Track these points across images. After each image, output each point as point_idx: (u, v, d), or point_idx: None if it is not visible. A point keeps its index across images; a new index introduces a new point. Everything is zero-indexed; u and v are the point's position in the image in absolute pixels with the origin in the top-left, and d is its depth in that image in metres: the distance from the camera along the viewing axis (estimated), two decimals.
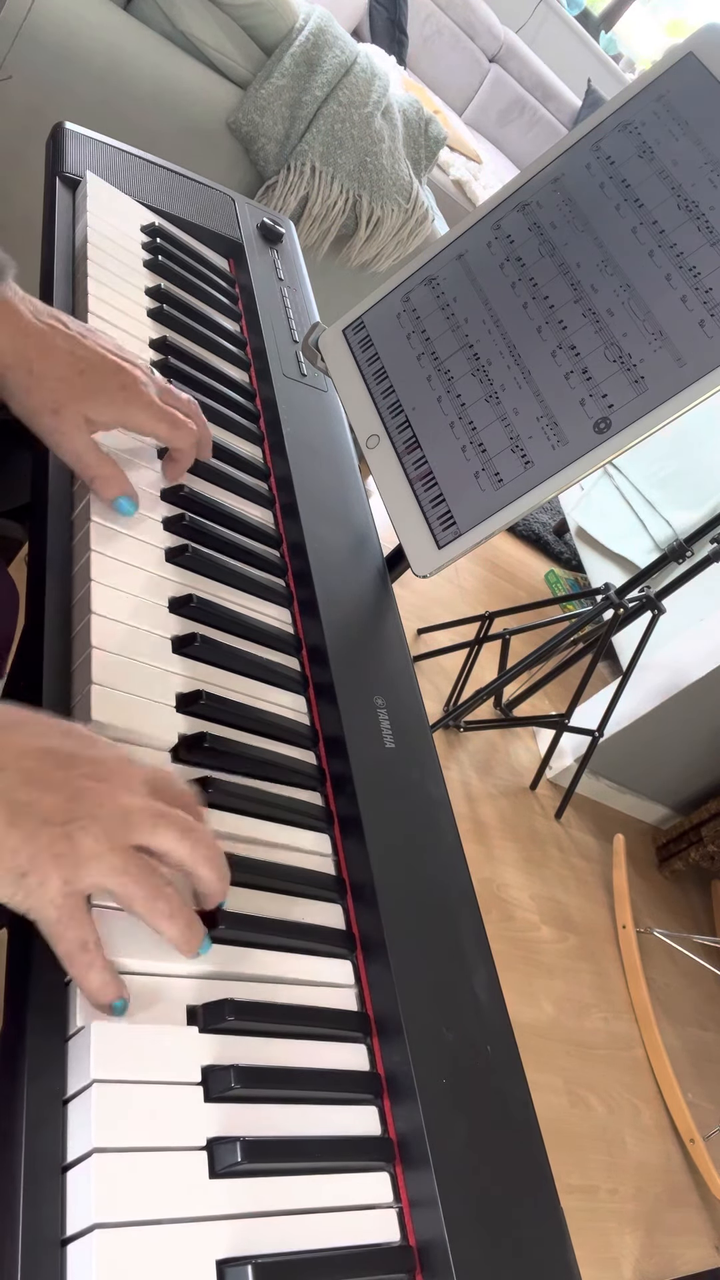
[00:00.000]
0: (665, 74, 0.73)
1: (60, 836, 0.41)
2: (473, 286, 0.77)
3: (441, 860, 0.62)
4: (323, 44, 1.52)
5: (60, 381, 0.58)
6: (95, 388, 0.59)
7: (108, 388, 0.60)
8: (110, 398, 0.60)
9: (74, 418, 0.59)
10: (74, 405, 0.59)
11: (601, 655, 1.97)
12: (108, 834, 0.43)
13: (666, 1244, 1.69)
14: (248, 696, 0.63)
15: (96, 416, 0.60)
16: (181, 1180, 0.42)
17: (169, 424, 0.63)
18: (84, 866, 0.42)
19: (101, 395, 0.60)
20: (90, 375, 0.59)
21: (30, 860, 0.41)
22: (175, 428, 0.64)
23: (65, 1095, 0.42)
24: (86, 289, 0.76)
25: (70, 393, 0.59)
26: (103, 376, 0.60)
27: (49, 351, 0.58)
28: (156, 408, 0.62)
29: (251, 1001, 0.48)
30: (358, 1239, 0.46)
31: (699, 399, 0.65)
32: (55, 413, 0.58)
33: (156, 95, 1.47)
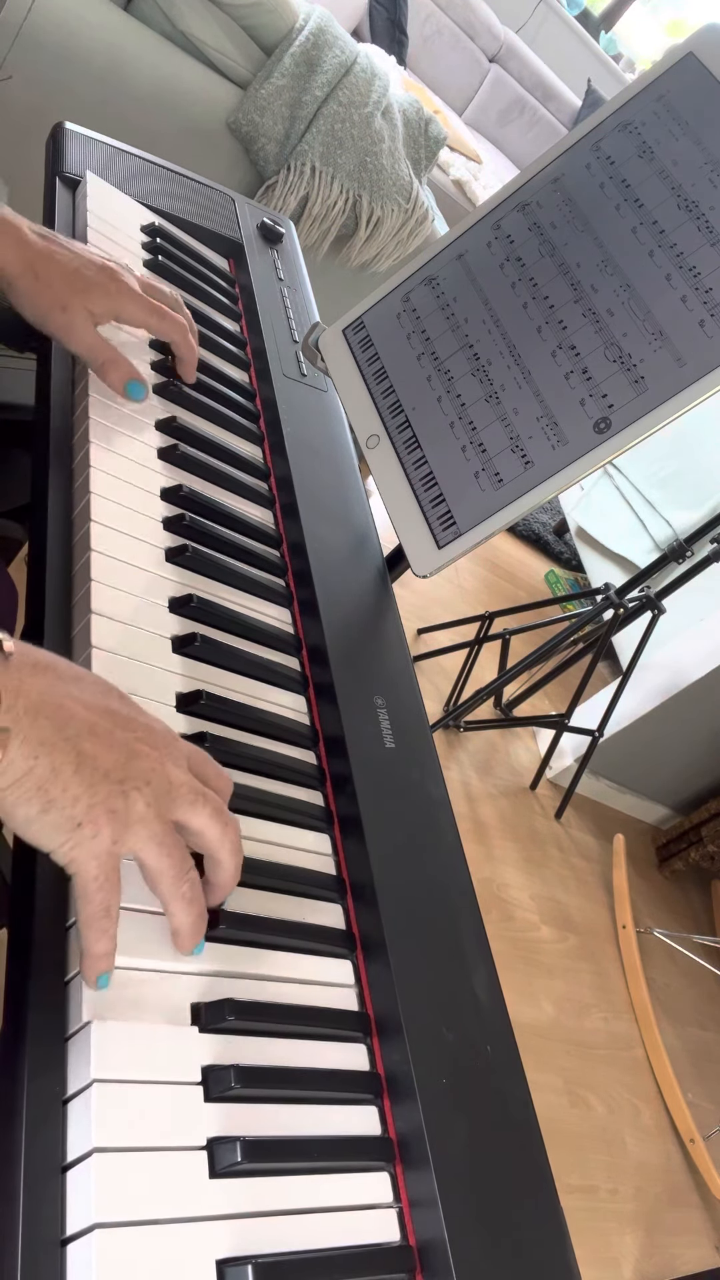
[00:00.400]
0: (665, 74, 0.73)
1: (118, 793, 0.43)
2: (473, 286, 0.77)
3: (441, 860, 0.62)
4: (323, 44, 1.52)
5: (63, 281, 0.67)
6: (91, 283, 0.68)
7: (101, 281, 0.68)
8: (104, 290, 0.68)
9: (80, 311, 0.67)
10: (77, 300, 0.67)
11: (601, 655, 1.97)
12: (157, 801, 0.44)
13: (666, 1244, 1.69)
14: (248, 696, 0.63)
15: (95, 308, 0.68)
16: (181, 1180, 0.42)
17: (156, 314, 0.71)
18: (132, 829, 0.43)
19: (97, 289, 0.68)
20: (85, 272, 0.68)
21: (88, 811, 0.42)
22: (162, 318, 0.72)
23: (65, 1095, 0.42)
24: None
25: (72, 289, 0.67)
26: (94, 273, 0.68)
27: (49, 258, 0.67)
28: (144, 300, 0.71)
29: (251, 1001, 0.48)
30: (358, 1239, 0.46)
31: (699, 399, 0.65)
32: (64, 309, 0.67)
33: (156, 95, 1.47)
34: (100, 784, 0.42)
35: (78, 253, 0.69)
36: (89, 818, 0.42)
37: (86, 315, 0.67)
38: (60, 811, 0.41)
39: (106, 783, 0.42)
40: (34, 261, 0.66)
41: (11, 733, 0.40)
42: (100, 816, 0.42)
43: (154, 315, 0.71)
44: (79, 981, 0.44)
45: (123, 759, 0.44)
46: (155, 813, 0.44)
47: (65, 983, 0.45)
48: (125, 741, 0.44)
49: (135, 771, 0.44)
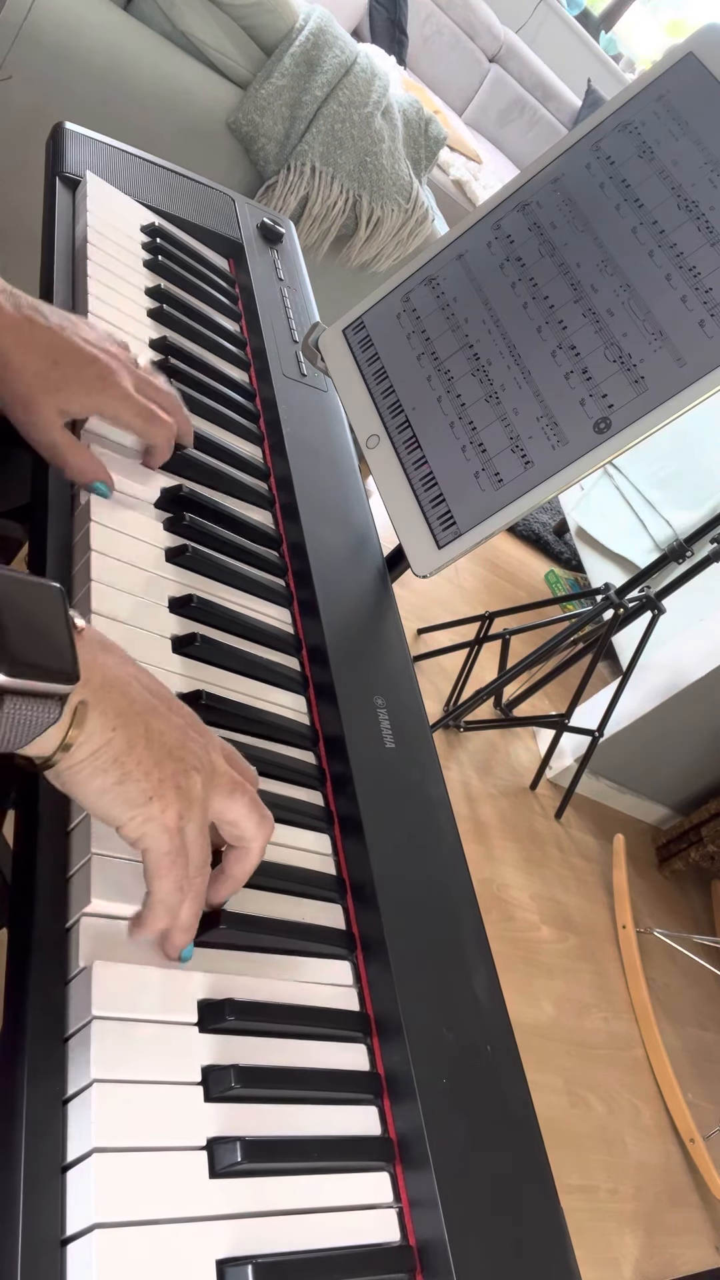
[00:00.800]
0: (665, 74, 0.73)
1: (180, 771, 0.44)
2: (473, 286, 0.77)
3: (441, 860, 0.62)
4: (323, 44, 1.52)
5: (35, 375, 0.58)
6: (70, 379, 0.59)
7: (84, 378, 0.60)
8: (86, 388, 0.60)
9: (46, 410, 0.59)
10: (46, 398, 0.59)
11: (601, 655, 1.97)
12: (206, 784, 0.45)
13: (666, 1244, 1.69)
14: (248, 696, 0.63)
15: (69, 407, 0.60)
16: (181, 1180, 0.42)
17: (144, 418, 0.63)
18: (193, 807, 0.44)
19: (76, 386, 0.60)
20: (65, 366, 0.59)
21: (158, 785, 0.43)
22: (149, 422, 0.64)
23: (65, 1095, 0.42)
24: (86, 289, 0.76)
25: (43, 385, 0.59)
26: (78, 367, 0.60)
27: (26, 344, 0.58)
28: (133, 400, 0.62)
29: (252, 1001, 0.48)
30: (358, 1239, 0.46)
31: (699, 399, 0.65)
32: (27, 407, 0.59)
33: (156, 95, 1.47)
34: (167, 760, 0.43)
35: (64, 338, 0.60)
36: (159, 792, 0.43)
37: (53, 414, 0.59)
38: (135, 784, 0.42)
39: (171, 760, 0.44)
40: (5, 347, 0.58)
41: (90, 704, 0.41)
42: (169, 791, 0.43)
43: (140, 417, 0.63)
44: (80, 980, 0.44)
45: (180, 739, 0.45)
46: (204, 796, 0.45)
47: (65, 983, 0.45)
48: (181, 725, 0.46)
49: (190, 755, 0.45)
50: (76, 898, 0.47)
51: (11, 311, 0.58)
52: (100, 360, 0.61)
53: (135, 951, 0.46)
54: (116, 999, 0.44)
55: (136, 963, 0.46)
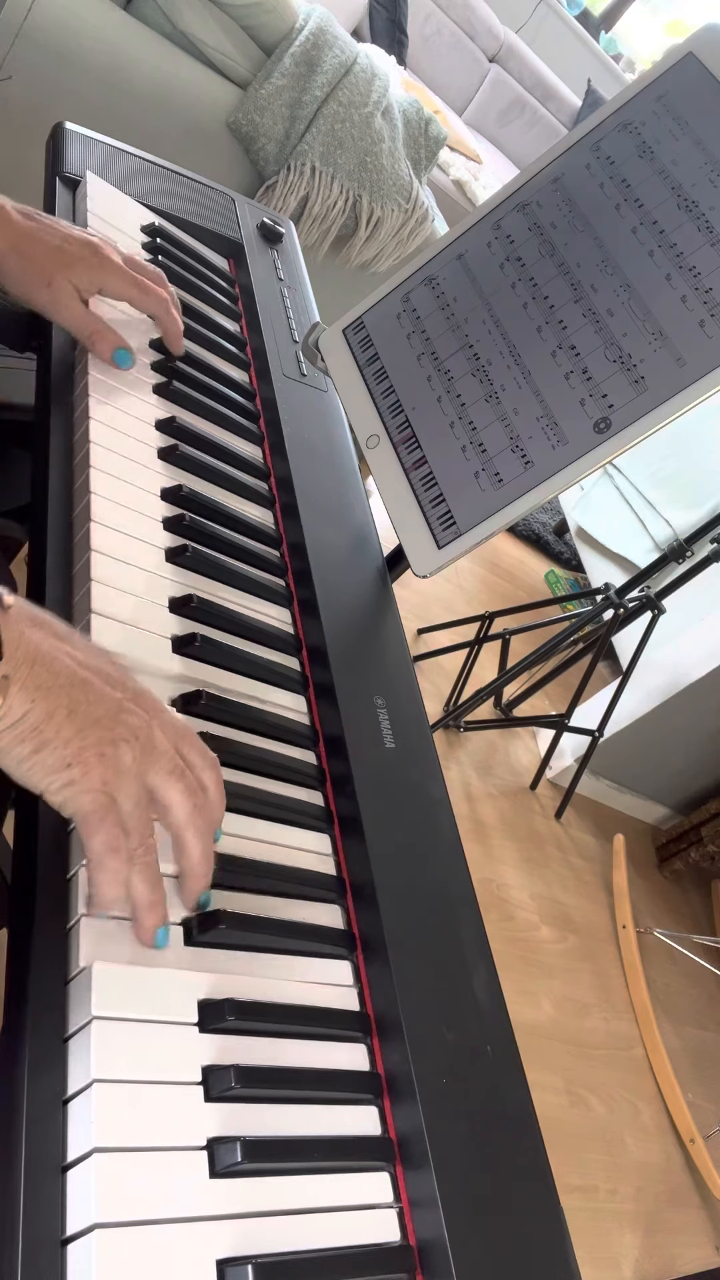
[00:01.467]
0: (665, 74, 0.73)
1: (107, 740, 0.45)
2: (473, 286, 0.77)
3: (441, 860, 0.62)
4: (323, 44, 1.52)
5: (47, 257, 0.68)
6: (75, 257, 0.69)
7: (84, 255, 0.70)
8: (88, 264, 0.70)
9: (64, 285, 0.69)
10: (61, 274, 0.69)
11: (601, 655, 1.97)
12: (140, 759, 0.46)
13: (666, 1244, 1.69)
14: (248, 696, 0.63)
15: (79, 282, 0.70)
16: (181, 1180, 0.42)
17: (139, 288, 0.73)
18: (121, 778, 0.45)
19: (80, 263, 0.69)
20: (68, 247, 0.69)
21: (78, 753, 0.44)
22: (145, 292, 0.73)
23: (65, 1095, 0.42)
24: None
25: (56, 264, 0.68)
26: (78, 247, 0.70)
27: (32, 235, 0.69)
28: (126, 273, 0.72)
29: (252, 1001, 0.48)
30: (358, 1239, 0.46)
31: (699, 399, 0.65)
32: (49, 285, 0.68)
33: (156, 95, 1.47)
34: (91, 729, 0.44)
35: (61, 229, 0.70)
36: (79, 759, 0.44)
37: (71, 289, 0.69)
38: (53, 752, 0.43)
39: (97, 729, 0.44)
40: (17, 240, 0.68)
41: (11, 679, 0.42)
42: (90, 758, 0.44)
43: (136, 288, 0.73)
44: (80, 980, 0.44)
45: (113, 710, 0.45)
46: (138, 770, 0.46)
47: (65, 983, 0.45)
48: (116, 698, 0.46)
49: (124, 727, 0.45)
50: (77, 897, 0.47)
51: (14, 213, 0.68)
52: (92, 241, 0.71)
53: (135, 952, 0.46)
54: (116, 999, 0.44)
55: (137, 963, 0.46)
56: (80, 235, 0.71)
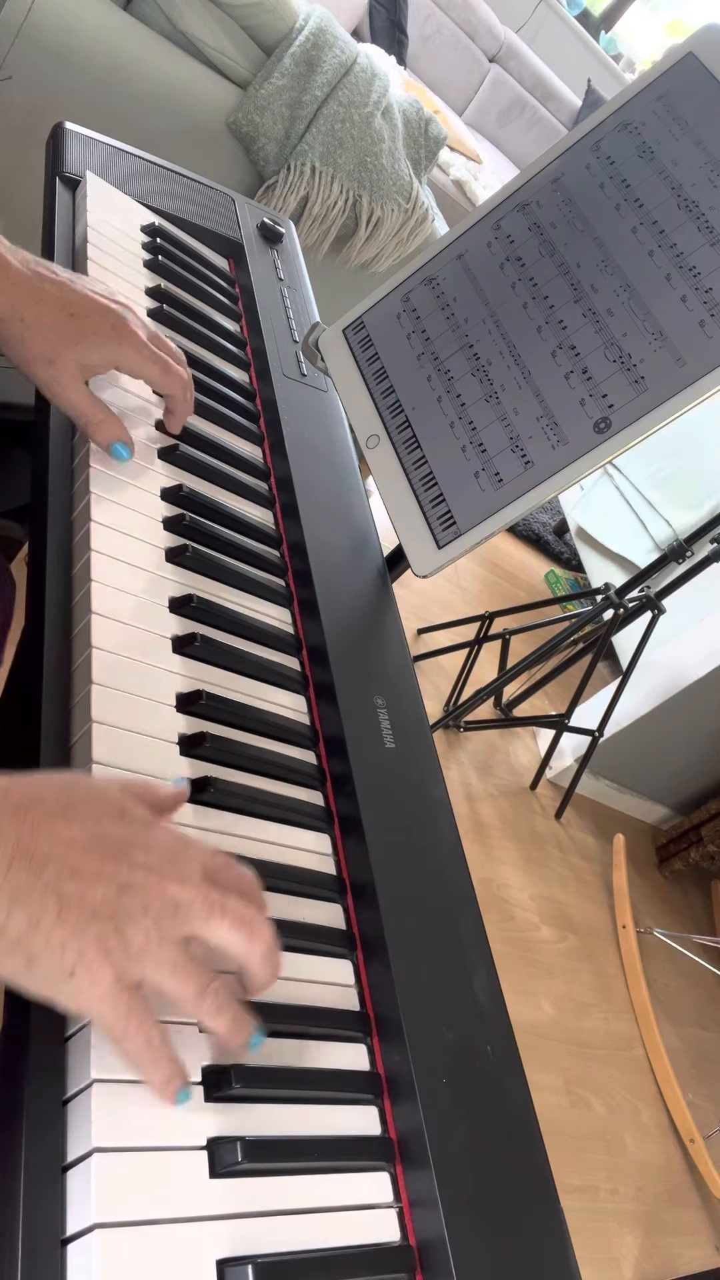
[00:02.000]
0: (665, 74, 0.73)
1: (110, 931, 0.39)
2: (473, 286, 0.77)
3: (441, 860, 0.62)
4: (323, 44, 1.52)
5: (52, 329, 0.59)
6: (87, 330, 0.60)
7: (100, 329, 0.60)
8: (103, 339, 0.61)
9: (68, 365, 0.59)
10: (68, 352, 0.59)
11: (601, 655, 1.97)
12: (158, 928, 0.41)
13: (666, 1244, 1.69)
14: (248, 696, 0.63)
15: (89, 359, 0.61)
16: (182, 1180, 0.42)
17: (160, 367, 0.64)
18: (135, 960, 0.40)
19: (94, 337, 0.60)
20: (81, 319, 0.60)
21: (79, 958, 0.39)
22: (166, 372, 0.65)
23: (65, 1096, 0.42)
24: None
25: (62, 339, 0.59)
26: (94, 319, 0.60)
27: (40, 299, 0.59)
28: (148, 350, 0.63)
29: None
30: (358, 1239, 0.46)
31: (699, 399, 0.65)
32: (50, 362, 0.59)
33: (156, 95, 1.47)
34: (89, 925, 0.39)
35: (77, 290, 0.61)
36: (81, 964, 0.39)
37: (75, 370, 0.60)
38: (48, 963, 0.38)
39: (96, 922, 0.39)
40: (19, 302, 0.58)
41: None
42: (94, 958, 0.39)
43: (156, 366, 0.64)
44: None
45: (113, 893, 0.40)
46: (159, 940, 0.41)
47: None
48: (115, 872, 0.41)
49: (128, 905, 0.40)
50: None
51: (20, 268, 0.59)
52: (114, 310, 0.61)
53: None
54: None
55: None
56: (100, 302, 0.61)
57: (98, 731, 0.52)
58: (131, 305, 0.65)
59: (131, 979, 0.40)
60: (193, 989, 0.41)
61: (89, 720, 0.52)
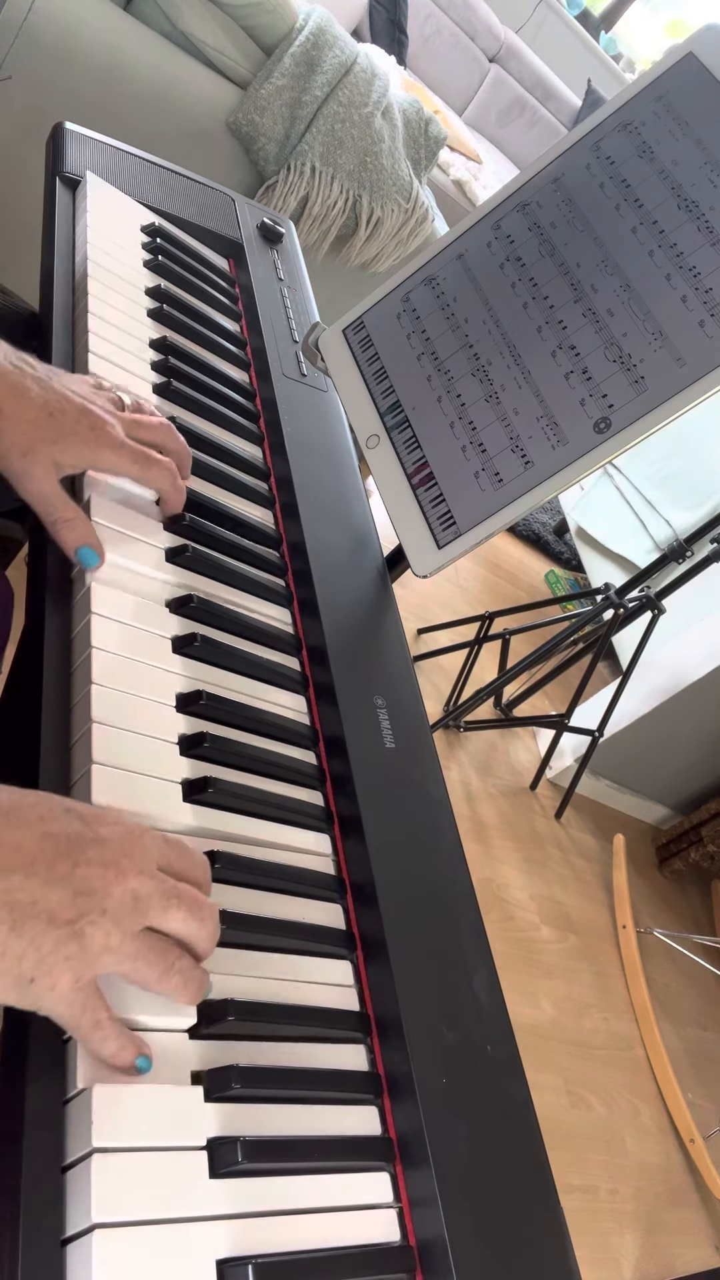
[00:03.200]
0: (665, 74, 0.73)
1: (68, 937, 0.39)
2: (473, 286, 0.77)
3: (441, 860, 0.62)
4: (323, 44, 1.52)
5: (31, 424, 0.58)
6: (65, 430, 0.59)
7: (78, 430, 0.59)
8: (81, 439, 0.60)
9: (43, 459, 0.58)
10: (44, 448, 0.58)
11: (601, 655, 1.97)
12: (119, 926, 0.41)
13: (666, 1244, 1.69)
14: (248, 696, 0.63)
15: (65, 459, 0.59)
16: (181, 1180, 0.42)
17: (141, 463, 0.62)
18: (96, 961, 0.41)
19: (72, 438, 0.59)
20: (59, 418, 0.59)
21: (37, 965, 0.39)
22: (147, 467, 0.63)
23: (65, 1096, 0.42)
24: (86, 289, 0.76)
25: (40, 435, 0.58)
26: (72, 419, 0.59)
27: (20, 393, 0.58)
28: (127, 448, 0.62)
29: (252, 1002, 0.48)
30: (358, 1239, 0.46)
31: (699, 399, 0.65)
32: (25, 454, 0.58)
33: (156, 95, 1.47)
34: (46, 933, 0.39)
35: (56, 390, 0.60)
36: (40, 970, 0.39)
37: (50, 465, 0.59)
38: (6, 973, 0.38)
39: (53, 928, 0.39)
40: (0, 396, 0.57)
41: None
42: (55, 966, 0.39)
43: (137, 464, 0.62)
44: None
45: (69, 896, 0.40)
46: (120, 936, 0.41)
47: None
48: (70, 873, 0.40)
49: (86, 906, 0.40)
50: None
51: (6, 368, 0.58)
52: (92, 411, 0.60)
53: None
54: (117, 998, 0.44)
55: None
56: (78, 402, 0.60)
57: (97, 732, 0.52)
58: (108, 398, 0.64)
59: (89, 978, 0.41)
60: (156, 973, 0.43)
61: (89, 721, 0.52)
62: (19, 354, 0.60)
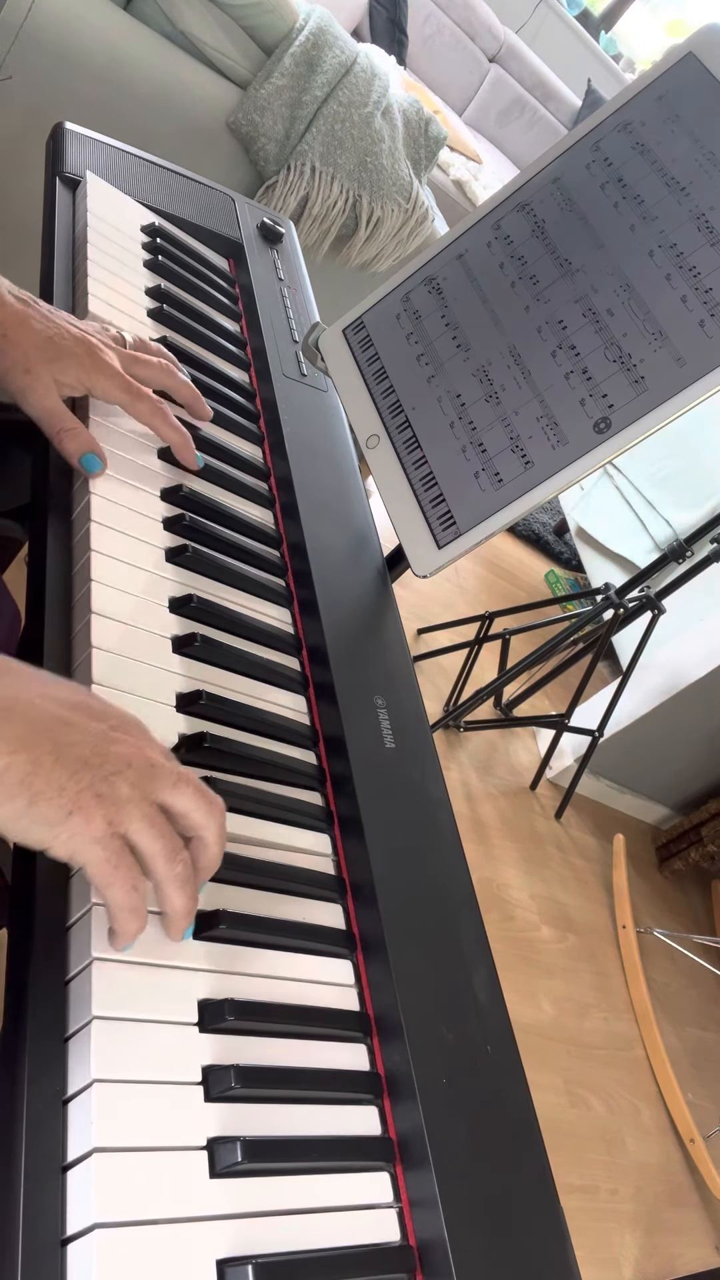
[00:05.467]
0: (665, 74, 0.73)
1: (100, 778, 0.43)
2: (473, 287, 0.77)
3: (441, 860, 0.62)
4: (323, 44, 1.52)
5: (32, 346, 0.63)
6: (65, 352, 0.64)
7: (76, 353, 0.65)
8: (79, 362, 0.65)
9: (44, 376, 0.64)
10: (44, 367, 0.63)
11: (601, 655, 1.97)
12: (140, 783, 0.45)
13: (666, 1244, 1.69)
14: (248, 696, 0.63)
15: (64, 379, 0.64)
16: (182, 1180, 0.42)
17: (131, 394, 0.67)
18: (124, 809, 0.43)
19: (70, 359, 0.64)
20: (59, 342, 0.64)
21: (75, 799, 0.42)
22: (136, 399, 0.67)
23: (65, 1095, 0.42)
24: (86, 289, 0.76)
25: (41, 355, 0.63)
26: (71, 344, 0.65)
27: (22, 321, 0.64)
28: (120, 377, 0.66)
29: (251, 1001, 0.48)
30: (358, 1239, 0.46)
31: (699, 399, 0.65)
32: (27, 371, 0.63)
33: (156, 95, 1.47)
34: (83, 771, 0.43)
35: (56, 322, 0.65)
36: (77, 805, 0.42)
37: (50, 382, 0.64)
38: (48, 803, 0.41)
39: (88, 769, 0.43)
40: (4, 320, 0.63)
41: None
42: (89, 802, 0.42)
43: (128, 394, 0.67)
44: (80, 980, 0.44)
45: (102, 745, 0.44)
46: (140, 794, 0.44)
47: (65, 983, 0.45)
48: (100, 731, 0.45)
49: (114, 756, 0.44)
50: (77, 897, 0.47)
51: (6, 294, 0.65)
52: (89, 340, 0.66)
53: (136, 951, 0.46)
54: (117, 999, 0.44)
55: (137, 961, 0.46)
56: (76, 332, 0.66)
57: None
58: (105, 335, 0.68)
59: (120, 827, 0.43)
60: (168, 848, 0.45)
61: None
62: (22, 291, 0.66)
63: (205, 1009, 0.47)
